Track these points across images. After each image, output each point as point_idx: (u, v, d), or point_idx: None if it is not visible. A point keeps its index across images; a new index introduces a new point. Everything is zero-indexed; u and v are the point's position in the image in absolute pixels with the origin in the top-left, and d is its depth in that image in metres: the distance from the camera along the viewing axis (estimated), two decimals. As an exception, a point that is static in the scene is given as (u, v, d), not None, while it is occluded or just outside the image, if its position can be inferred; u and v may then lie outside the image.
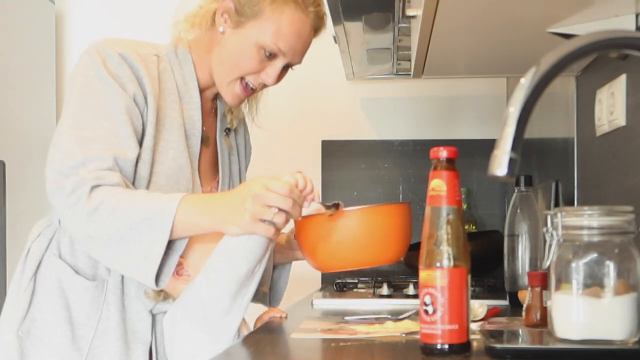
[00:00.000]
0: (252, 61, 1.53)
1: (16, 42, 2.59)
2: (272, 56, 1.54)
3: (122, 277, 1.49)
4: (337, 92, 2.85)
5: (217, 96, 1.68)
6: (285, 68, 1.58)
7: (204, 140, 1.62)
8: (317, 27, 1.58)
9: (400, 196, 2.81)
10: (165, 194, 1.40)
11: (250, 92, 1.59)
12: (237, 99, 1.59)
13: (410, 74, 2.22)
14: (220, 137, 1.68)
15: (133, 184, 1.46)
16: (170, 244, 1.38)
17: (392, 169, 2.82)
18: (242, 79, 1.56)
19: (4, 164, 2.44)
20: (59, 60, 2.87)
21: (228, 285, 1.35)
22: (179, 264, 1.43)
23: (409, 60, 2.28)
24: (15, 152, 2.52)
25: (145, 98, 1.49)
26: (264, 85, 1.59)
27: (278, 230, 1.37)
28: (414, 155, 2.81)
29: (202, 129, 1.60)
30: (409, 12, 1.60)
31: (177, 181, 1.52)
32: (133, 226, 1.36)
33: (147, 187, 1.48)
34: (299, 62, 1.59)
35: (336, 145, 2.84)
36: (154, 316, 1.50)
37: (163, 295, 1.48)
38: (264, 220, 1.34)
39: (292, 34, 1.52)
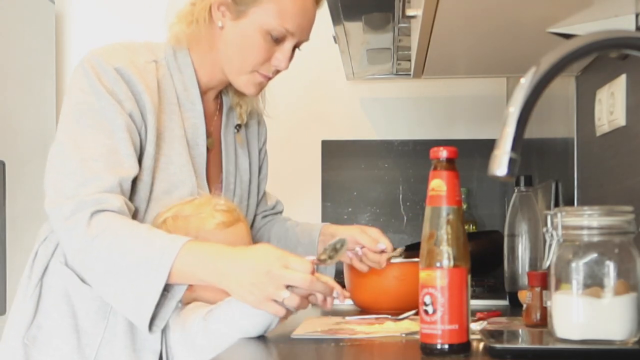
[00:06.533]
0: (260, 50, 1.47)
1: (16, 42, 2.59)
2: (279, 40, 1.48)
3: None
4: (337, 92, 2.85)
5: (220, 93, 1.63)
6: (293, 49, 1.52)
7: (209, 146, 1.56)
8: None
9: (400, 196, 2.81)
10: (168, 234, 1.32)
11: (267, 79, 1.53)
12: (257, 88, 1.53)
13: (410, 74, 2.22)
14: (225, 134, 1.62)
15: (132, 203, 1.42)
16: (169, 287, 1.31)
17: (392, 169, 2.82)
18: (256, 71, 1.50)
19: (4, 164, 2.44)
20: (59, 60, 2.87)
21: (221, 342, 1.27)
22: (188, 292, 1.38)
23: (409, 60, 2.28)
24: (15, 152, 2.52)
25: (143, 116, 1.43)
26: (278, 71, 1.53)
27: (289, 311, 1.25)
28: (414, 155, 2.81)
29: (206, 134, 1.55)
30: (409, 12, 1.60)
31: (179, 197, 1.47)
32: (129, 265, 1.29)
33: (147, 205, 1.44)
34: (307, 39, 1.53)
35: (336, 145, 2.84)
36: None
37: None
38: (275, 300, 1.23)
39: (297, 11, 1.46)
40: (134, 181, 1.41)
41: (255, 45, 1.47)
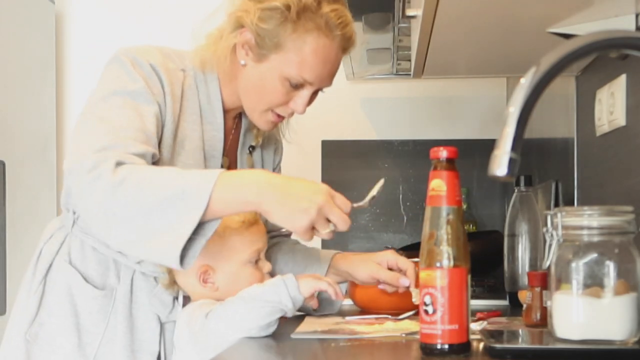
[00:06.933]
0: (278, 94, 1.47)
1: (16, 42, 2.59)
2: (298, 86, 1.47)
3: (132, 286, 1.47)
4: (337, 92, 2.83)
5: (240, 114, 1.62)
6: (316, 92, 1.52)
7: (223, 164, 1.55)
8: (345, 48, 1.50)
9: (400, 196, 2.81)
10: (201, 170, 1.30)
11: (281, 118, 1.53)
12: (270, 125, 1.54)
13: (410, 74, 2.22)
14: (241, 154, 1.62)
15: None
16: (198, 229, 1.26)
17: (392, 169, 2.82)
18: (271, 110, 1.50)
19: (4, 164, 2.44)
20: (59, 60, 2.87)
21: (221, 342, 1.27)
22: (206, 271, 1.39)
23: (409, 60, 2.29)
24: (15, 152, 2.52)
25: (165, 116, 1.44)
26: (293, 112, 1.53)
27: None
28: (414, 155, 2.81)
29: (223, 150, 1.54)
30: (409, 12, 1.60)
31: None
32: (163, 200, 1.24)
33: None
34: (329, 85, 1.53)
35: (336, 145, 2.84)
36: (162, 325, 1.49)
37: (177, 288, 1.46)
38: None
39: (318, 63, 1.45)
40: None
41: (273, 89, 1.46)
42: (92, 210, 1.30)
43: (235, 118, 1.62)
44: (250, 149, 1.64)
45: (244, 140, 1.63)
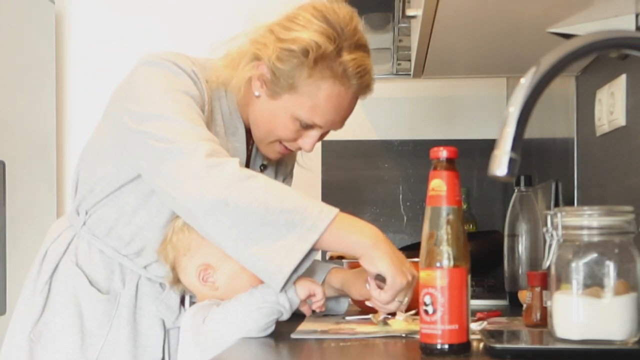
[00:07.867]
0: (287, 131, 1.46)
1: (16, 42, 2.59)
2: (308, 127, 1.47)
3: (136, 292, 1.47)
4: (337, 92, 2.84)
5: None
6: (327, 131, 1.52)
7: None
8: (361, 95, 1.50)
9: (400, 196, 2.81)
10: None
11: (289, 151, 1.53)
12: (277, 155, 1.54)
13: (410, 74, 2.22)
14: (252, 169, 1.57)
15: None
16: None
17: (392, 169, 2.83)
18: (279, 141, 1.50)
19: (4, 164, 2.44)
20: (59, 60, 2.87)
21: (220, 343, 1.27)
22: (205, 270, 1.38)
23: (409, 60, 2.29)
24: (15, 152, 2.52)
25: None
26: (301, 148, 1.52)
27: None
28: (414, 155, 2.81)
29: None
30: (409, 12, 1.61)
31: None
32: (284, 210, 1.25)
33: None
34: (340, 127, 1.52)
35: (336, 145, 2.84)
36: (167, 332, 1.48)
37: (182, 287, 1.46)
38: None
39: (330, 109, 1.44)
40: None
41: (284, 126, 1.46)
42: (199, 192, 1.27)
43: (248, 132, 1.60)
44: (262, 167, 1.64)
45: (255, 153, 1.62)
